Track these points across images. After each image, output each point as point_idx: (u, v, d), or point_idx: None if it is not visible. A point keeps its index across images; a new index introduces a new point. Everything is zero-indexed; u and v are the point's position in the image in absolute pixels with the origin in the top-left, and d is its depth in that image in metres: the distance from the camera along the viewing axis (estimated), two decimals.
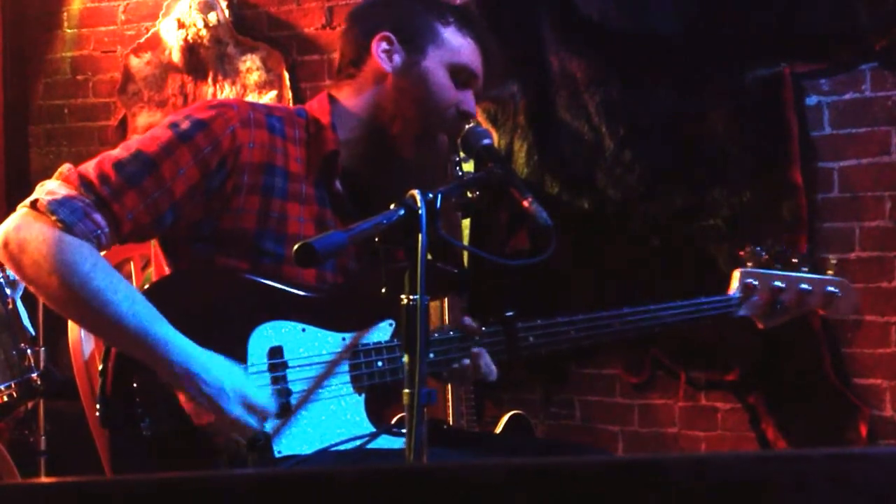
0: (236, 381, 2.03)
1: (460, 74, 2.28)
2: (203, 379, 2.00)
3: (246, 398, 2.03)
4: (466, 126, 2.23)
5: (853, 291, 2.56)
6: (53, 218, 1.99)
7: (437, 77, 2.26)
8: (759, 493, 0.88)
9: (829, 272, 2.54)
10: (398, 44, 2.27)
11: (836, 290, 2.52)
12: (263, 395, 2.07)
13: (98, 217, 2.03)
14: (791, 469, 0.90)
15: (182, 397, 2.02)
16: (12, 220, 2.04)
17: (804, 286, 2.49)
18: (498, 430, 4.11)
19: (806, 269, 2.52)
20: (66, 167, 2.10)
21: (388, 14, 2.31)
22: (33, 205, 2.02)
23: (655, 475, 0.87)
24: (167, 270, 2.24)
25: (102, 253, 2.06)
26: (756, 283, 2.48)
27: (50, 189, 2.04)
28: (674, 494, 0.87)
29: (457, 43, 2.29)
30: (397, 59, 2.27)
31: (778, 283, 2.48)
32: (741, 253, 2.53)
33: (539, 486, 0.88)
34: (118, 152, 2.11)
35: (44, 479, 3.23)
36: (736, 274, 2.50)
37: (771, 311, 2.49)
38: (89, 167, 2.08)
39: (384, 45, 2.28)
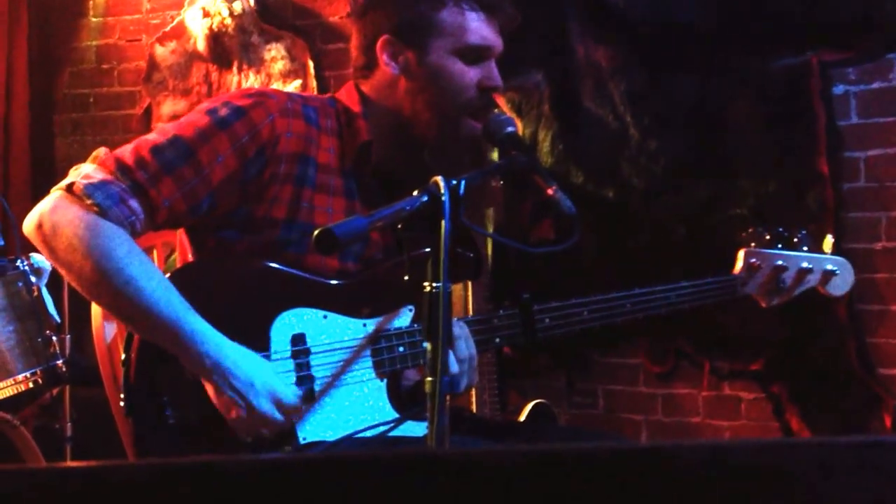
0: (266, 377, 2.03)
1: (471, 54, 2.23)
2: (233, 373, 2.00)
3: (275, 393, 2.04)
4: (492, 112, 2.23)
5: (850, 270, 2.63)
6: (89, 202, 1.98)
7: (447, 68, 2.23)
8: (783, 480, 0.87)
9: (828, 251, 2.61)
10: (400, 44, 2.24)
11: (835, 268, 2.60)
12: (292, 391, 2.07)
13: (134, 203, 2.02)
14: (816, 456, 0.89)
15: (211, 390, 2.03)
16: (47, 202, 2.03)
17: (805, 264, 2.57)
18: (521, 418, 4.11)
19: (805, 249, 2.59)
20: (101, 151, 2.09)
21: (385, 15, 2.26)
22: (69, 188, 2.01)
23: (673, 462, 0.87)
24: (191, 258, 2.24)
25: (135, 239, 2.06)
26: (759, 262, 2.55)
27: (86, 173, 2.03)
28: (692, 482, 0.86)
29: (457, 23, 2.23)
30: (402, 61, 2.24)
31: (780, 262, 2.55)
32: (744, 234, 2.61)
33: (555, 471, 0.88)
34: (155, 137, 2.10)
35: (49, 465, 3.26)
36: (740, 254, 2.57)
37: (773, 290, 2.57)
38: (126, 152, 2.07)
39: (388, 50, 2.24)
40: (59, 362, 3.54)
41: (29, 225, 2.03)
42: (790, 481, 0.88)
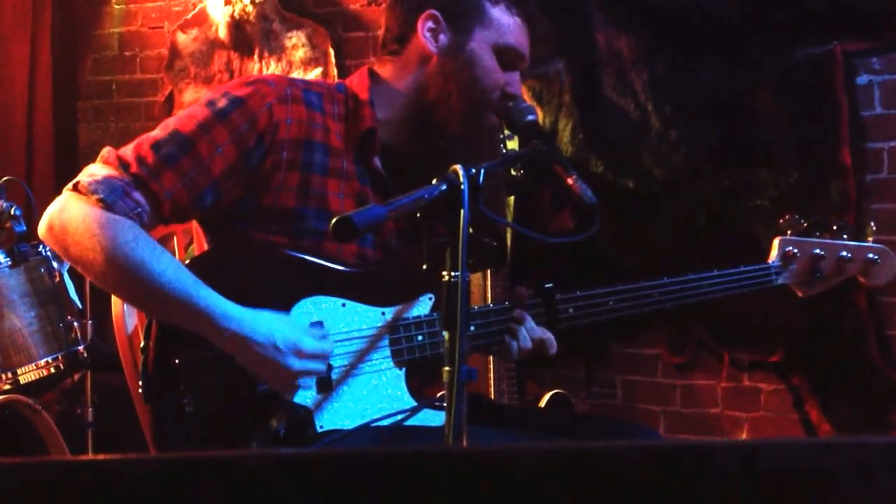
0: (286, 333, 2.03)
1: (507, 55, 2.24)
2: (255, 341, 2.01)
3: (299, 348, 2.04)
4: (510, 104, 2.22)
5: (892, 258, 2.54)
6: (94, 197, 2.01)
7: (483, 60, 2.22)
8: (821, 481, 0.86)
9: (870, 239, 2.53)
10: (444, 23, 2.23)
11: (876, 257, 2.50)
12: (314, 340, 2.07)
13: (138, 196, 2.04)
14: (855, 456, 0.87)
15: (239, 361, 2.04)
16: (56, 203, 2.07)
17: (844, 253, 2.47)
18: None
19: (846, 237, 2.50)
20: (106, 150, 2.12)
21: None
22: (75, 187, 2.04)
23: (709, 462, 0.85)
24: (207, 248, 2.25)
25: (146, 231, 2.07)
26: (796, 250, 2.46)
27: (91, 171, 2.07)
28: (727, 482, 0.84)
29: (504, 22, 2.24)
30: (443, 39, 2.24)
31: (818, 251, 2.46)
32: (780, 221, 2.51)
33: (585, 471, 0.87)
34: (156, 133, 2.12)
35: (56, 457, 3.27)
36: (776, 242, 2.48)
37: (810, 279, 2.47)
38: (128, 149, 2.10)
39: (430, 24, 2.24)
40: (81, 348, 3.56)
41: (42, 229, 2.08)
42: (828, 482, 0.86)
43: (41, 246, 3.52)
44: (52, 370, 3.54)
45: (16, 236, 3.52)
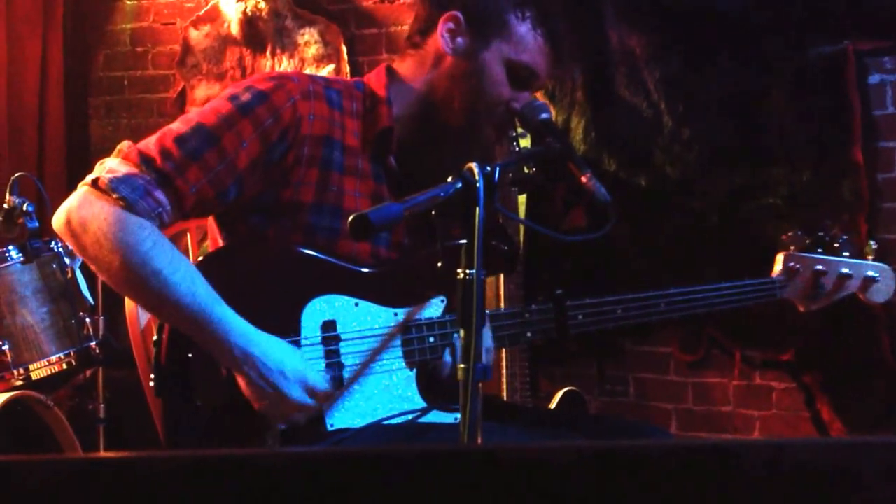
0: (295, 364, 2.04)
1: (520, 73, 2.21)
2: (263, 363, 2.01)
3: (305, 380, 2.04)
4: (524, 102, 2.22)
5: (892, 276, 2.60)
6: (115, 196, 1.99)
7: (493, 73, 2.20)
8: (846, 481, 0.85)
9: (870, 257, 2.58)
10: (465, 26, 2.21)
11: (876, 275, 2.56)
12: (322, 376, 2.07)
13: (160, 194, 2.02)
14: (881, 457, 0.86)
15: (241, 381, 2.03)
16: (74, 198, 2.03)
17: (845, 270, 2.53)
18: (552, 406, 4.10)
19: (847, 254, 2.55)
20: (125, 144, 2.09)
21: None
22: (94, 183, 2.01)
23: (735, 461, 0.84)
24: (221, 243, 2.25)
25: (164, 230, 2.06)
26: (799, 266, 2.52)
27: (111, 167, 2.04)
28: (753, 481, 0.84)
29: (527, 41, 2.20)
30: (460, 42, 2.21)
31: (820, 267, 2.52)
32: (784, 237, 2.57)
33: (609, 470, 0.87)
34: (178, 126, 2.10)
35: (69, 455, 3.27)
36: (779, 257, 2.54)
37: (812, 294, 2.54)
38: (150, 144, 2.07)
39: (450, 25, 2.21)
40: (93, 344, 3.57)
41: (57, 221, 2.04)
42: (853, 482, 0.86)
43: (53, 242, 3.53)
44: (64, 366, 3.55)
45: (28, 232, 3.52)
